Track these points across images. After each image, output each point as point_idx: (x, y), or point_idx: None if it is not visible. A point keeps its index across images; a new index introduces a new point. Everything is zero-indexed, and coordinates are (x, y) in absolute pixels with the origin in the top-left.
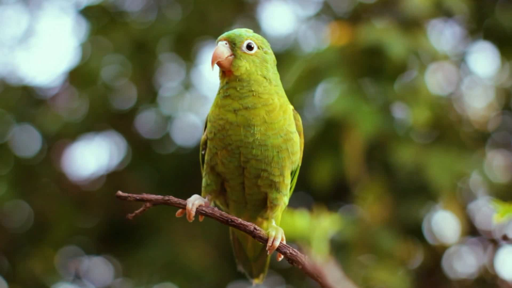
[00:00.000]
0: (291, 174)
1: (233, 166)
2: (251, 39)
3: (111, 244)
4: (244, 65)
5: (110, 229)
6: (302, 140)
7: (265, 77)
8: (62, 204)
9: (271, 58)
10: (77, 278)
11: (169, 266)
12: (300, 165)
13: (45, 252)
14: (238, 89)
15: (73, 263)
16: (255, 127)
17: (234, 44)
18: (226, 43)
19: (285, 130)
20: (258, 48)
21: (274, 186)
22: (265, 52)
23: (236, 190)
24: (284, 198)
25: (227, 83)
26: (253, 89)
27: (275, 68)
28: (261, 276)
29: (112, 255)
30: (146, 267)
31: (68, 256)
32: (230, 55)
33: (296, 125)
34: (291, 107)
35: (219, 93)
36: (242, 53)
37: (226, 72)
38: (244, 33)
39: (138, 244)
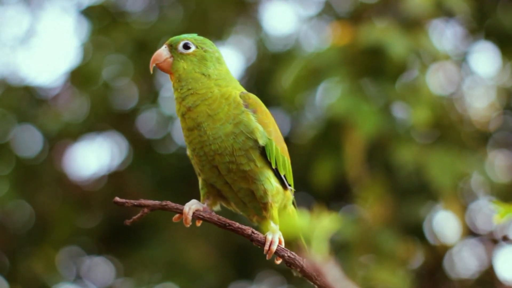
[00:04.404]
0: (265, 152)
1: (208, 169)
2: (188, 40)
3: (112, 244)
4: (182, 65)
5: (111, 229)
6: (264, 116)
7: (203, 74)
8: (63, 204)
9: (212, 56)
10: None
11: (170, 266)
12: (272, 139)
13: (46, 252)
14: (179, 90)
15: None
16: (203, 124)
17: (172, 46)
18: (165, 47)
19: (232, 114)
20: (197, 47)
21: (249, 177)
22: (205, 51)
23: (226, 191)
24: (268, 188)
25: (173, 86)
26: (190, 87)
27: (220, 64)
28: None
29: (113, 255)
30: (147, 267)
31: (69, 256)
32: (170, 57)
33: (249, 103)
34: (239, 91)
35: None
36: (179, 54)
37: (170, 76)
38: (182, 36)
39: (139, 244)
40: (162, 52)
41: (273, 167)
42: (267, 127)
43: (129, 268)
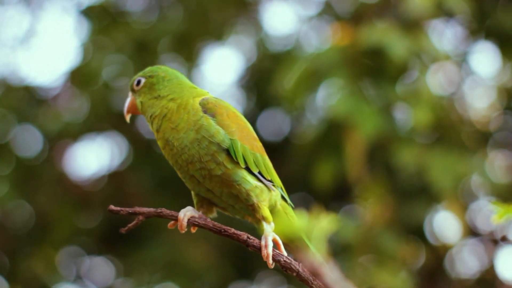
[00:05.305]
0: (231, 153)
1: (188, 179)
2: (139, 76)
3: (112, 244)
4: (139, 101)
5: (111, 229)
6: (224, 117)
7: (155, 98)
8: (63, 204)
9: (158, 78)
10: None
11: (170, 266)
12: (235, 139)
13: (46, 252)
14: (148, 121)
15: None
16: (169, 138)
17: (132, 89)
18: (130, 93)
19: (192, 121)
20: (145, 78)
21: (225, 181)
22: (151, 77)
23: (212, 197)
24: (248, 187)
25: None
26: (150, 114)
27: (169, 81)
28: None
29: (113, 255)
30: (147, 267)
31: (69, 256)
32: (134, 100)
33: (207, 108)
34: (198, 99)
35: None
36: (136, 92)
37: None
38: (135, 75)
39: (139, 244)
40: (128, 100)
41: (242, 166)
42: (228, 128)
43: (129, 268)
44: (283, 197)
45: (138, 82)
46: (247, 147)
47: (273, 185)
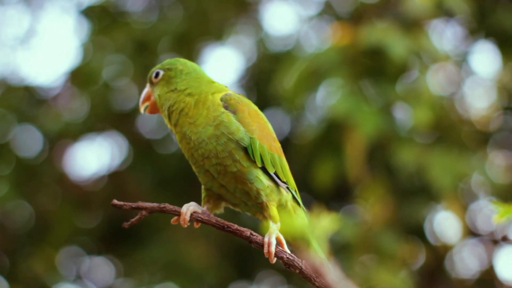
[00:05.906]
0: (248, 152)
1: (202, 173)
2: (157, 69)
3: (112, 244)
4: (157, 94)
5: (111, 229)
6: (245, 115)
7: (172, 91)
8: (63, 204)
9: (176, 71)
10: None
11: (170, 265)
12: (255, 137)
13: (46, 252)
14: (164, 115)
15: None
16: (187, 132)
17: (150, 81)
18: (147, 85)
19: (212, 117)
20: (164, 71)
21: (239, 178)
22: (169, 70)
23: (224, 194)
24: (260, 187)
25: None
26: (168, 108)
27: (187, 74)
28: None
29: (113, 255)
30: (147, 267)
31: (69, 256)
32: (151, 92)
33: (229, 104)
34: (222, 93)
35: None
36: (154, 84)
37: None
38: (155, 67)
39: (139, 244)
40: (144, 92)
41: (259, 165)
42: (248, 125)
43: (129, 268)
44: (295, 200)
45: (157, 75)
46: (265, 147)
47: (287, 187)
